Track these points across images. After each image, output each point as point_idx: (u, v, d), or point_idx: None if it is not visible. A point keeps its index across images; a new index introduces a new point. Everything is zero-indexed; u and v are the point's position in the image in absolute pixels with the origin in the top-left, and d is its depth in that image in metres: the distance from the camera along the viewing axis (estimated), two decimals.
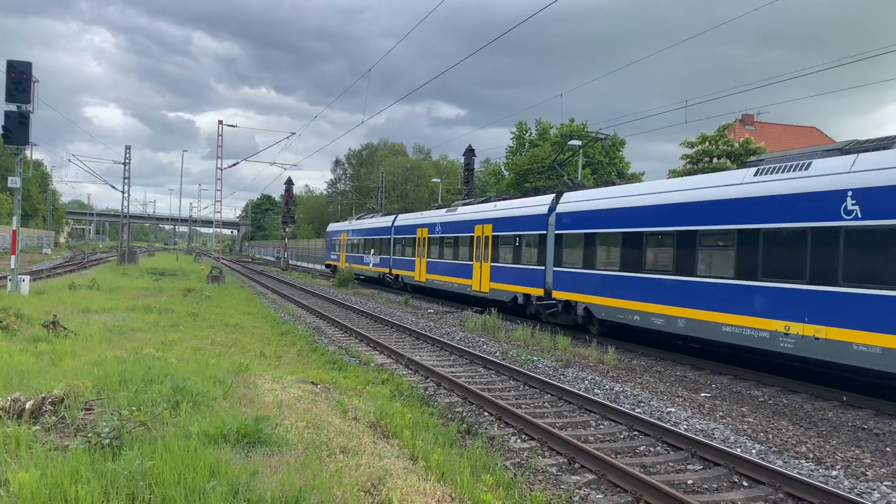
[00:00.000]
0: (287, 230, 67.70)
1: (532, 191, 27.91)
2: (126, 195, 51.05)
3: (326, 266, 52.76)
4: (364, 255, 40.66)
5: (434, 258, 29.56)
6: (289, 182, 63.69)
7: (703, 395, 11.92)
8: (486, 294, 24.38)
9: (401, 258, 34.29)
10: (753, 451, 8.39)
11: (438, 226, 29.44)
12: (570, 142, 45.16)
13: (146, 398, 6.90)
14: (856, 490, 7.14)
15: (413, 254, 32.31)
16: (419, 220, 32.21)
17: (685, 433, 8.69)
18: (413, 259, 32.27)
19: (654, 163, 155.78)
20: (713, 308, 13.77)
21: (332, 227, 52.10)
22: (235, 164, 63.23)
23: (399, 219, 35.52)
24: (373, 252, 39.05)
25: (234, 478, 4.74)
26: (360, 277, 41.55)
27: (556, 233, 19.91)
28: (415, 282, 31.99)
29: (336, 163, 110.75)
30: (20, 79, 20.11)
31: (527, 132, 61.37)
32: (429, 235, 30.31)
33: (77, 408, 6.46)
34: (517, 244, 22.29)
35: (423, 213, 32.96)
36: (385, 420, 7.84)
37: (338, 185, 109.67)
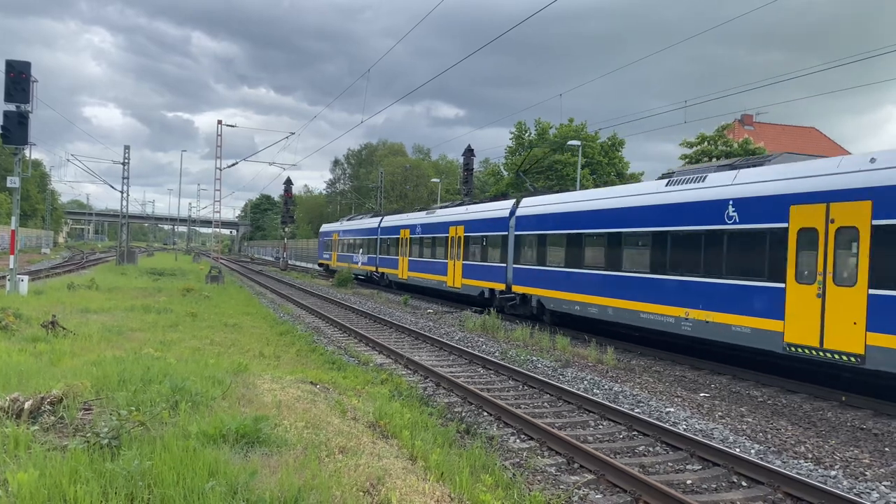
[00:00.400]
0: (286, 230, 67.71)
1: (501, 195, 30.08)
2: (125, 195, 51.03)
3: (320, 265, 54.89)
4: (353, 255, 42.79)
5: (415, 257, 31.67)
6: (288, 182, 63.67)
7: (702, 395, 11.93)
8: (459, 289, 26.49)
9: (386, 257, 36.33)
10: (752, 451, 8.39)
11: (419, 227, 31.56)
12: (570, 142, 45.24)
13: (145, 398, 6.90)
14: (855, 490, 7.14)
15: (397, 253, 34.29)
16: (402, 222, 34.38)
17: (684, 433, 8.69)
18: (397, 258, 34.25)
19: (654, 163, 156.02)
20: (634, 298, 16.01)
21: (325, 228, 54.55)
22: (234, 164, 63.23)
23: (384, 220, 37.58)
24: (361, 252, 41.21)
25: (233, 478, 4.74)
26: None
27: (516, 234, 22.18)
28: (398, 279, 34.05)
29: (335, 163, 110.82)
30: (19, 78, 20.09)
31: (526, 132, 61.37)
32: (410, 236, 32.42)
33: (76, 408, 6.46)
34: (484, 244, 24.54)
35: (406, 216, 35.31)
36: (384, 420, 7.84)
37: (337, 185, 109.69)
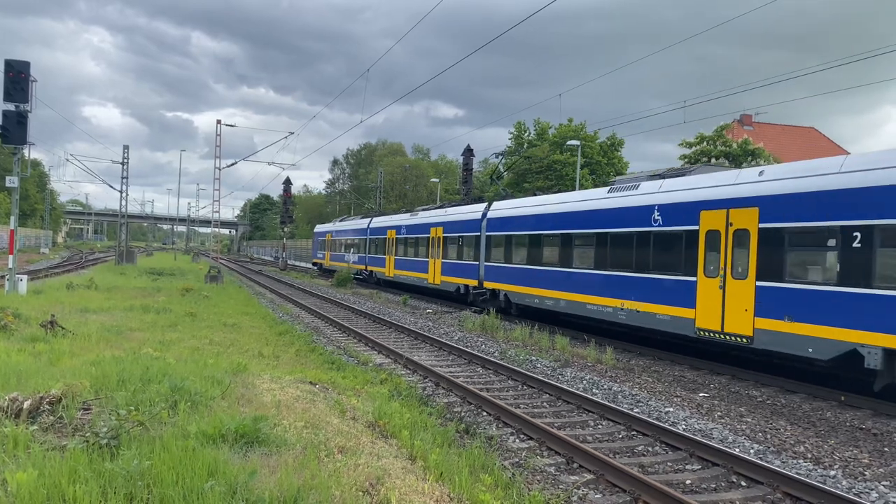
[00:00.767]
0: (285, 230, 67.67)
1: (476, 199, 32.39)
2: (124, 195, 50.99)
3: (314, 264, 56.96)
4: (345, 254, 45.03)
5: (400, 256, 33.81)
6: (287, 182, 63.63)
7: (702, 395, 11.93)
8: (439, 286, 28.50)
9: (374, 256, 38.56)
10: (752, 451, 8.39)
11: (403, 228, 33.69)
12: (569, 142, 45.20)
13: (144, 398, 6.90)
14: (854, 490, 7.14)
15: (384, 252, 36.42)
16: (389, 223, 36.57)
17: (683, 433, 8.69)
18: (384, 257, 36.39)
19: (653, 163, 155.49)
20: (581, 292, 18.14)
21: (319, 229, 56.97)
22: (234, 164, 62.94)
23: (373, 221, 39.75)
24: (352, 251, 43.37)
25: (233, 478, 4.74)
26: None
27: (487, 235, 24.36)
28: (385, 277, 36.10)
29: (334, 162, 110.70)
30: (18, 78, 20.05)
31: (525, 132, 61.36)
32: (396, 236, 34.52)
33: (75, 407, 6.46)
34: (460, 244, 26.65)
35: (392, 217, 37.55)
36: (383, 420, 7.84)
37: (336, 185, 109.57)
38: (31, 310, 15.59)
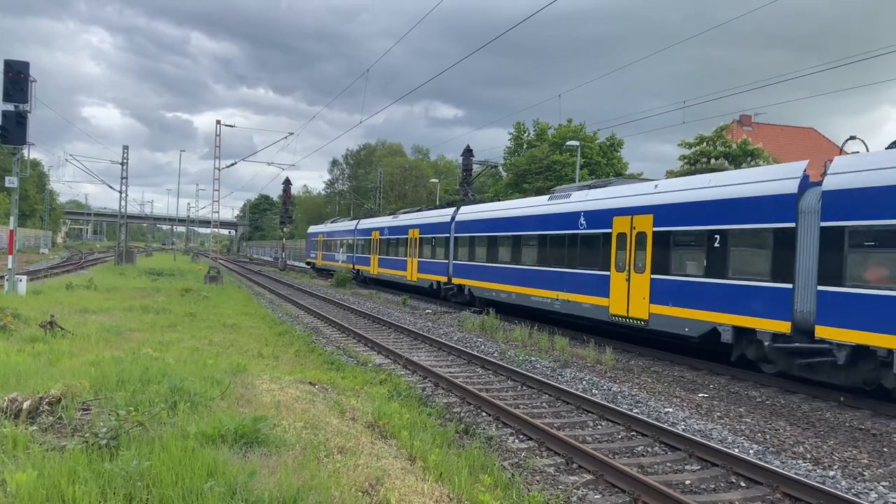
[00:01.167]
0: (285, 230, 67.63)
1: (446, 204, 35.06)
2: (123, 195, 50.98)
3: (307, 263, 59.16)
4: (335, 254, 47.74)
5: (383, 255, 36.36)
6: (287, 182, 63.60)
7: (701, 396, 11.93)
8: (416, 282, 31.11)
9: (361, 256, 40.98)
10: (751, 452, 8.40)
11: (386, 229, 36.19)
12: (569, 142, 45.20)
13: (144, 398, 6.90)
14: (853, 490, 7.15)
15: (369, 252, 38.87)
16: (373, 225, 39.08)
17: (683, 433, 8.70)
18: (369, 256, 38.86)
19: (652, 163, 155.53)
20: (528, 286, 20.83)
21: (312, 230, 59.66)
22: (233, 165, 62.97)
23: (360, 223, 42.30)
24: (341, 251, 45.95)
25: (232, 478, 4.74)
26: (332, 272, 47.23)
27: (455, 235, 27.07)
28: (370, 275, 38.45)
29: (333, 163, 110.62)
30: (17, 78, 20.06)
31: (525, 133, 61.35)
32: (380, 237, 36.97)
33: (74, 408, 6.46)
34: (433, 244, 29.23)
35: (377, 219, 40.03)
36: (383, 420, 7.84)
37: (335, 186, 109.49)
38: (31, 310, 15.59)
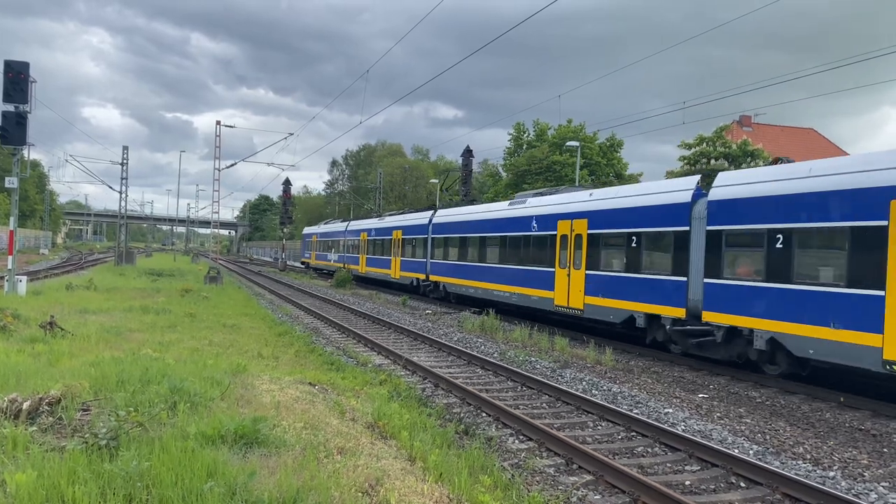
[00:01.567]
0: (284, 231, 67.62)
1: (425, 207, 37.01)
2: (123, 195, 50.97)
3: (302, 263, 62.22)
4: (328, 254, 50.46)
5: (370, 255, 38.93)
6: (286, 183, 63.59)
7: (701, 396, 11.93)
8: (399, 280, 33.55)
9: (350, 255, 43.53)
10: (751, 452, 8.39)
11: (373, 231, 38.67)
12: (568, 143, 45.21)
13: (143, 399, 6.89)
14: (853, 491, 7.15)
15: (358, 251, 41.53)
16: (362, 226, 41.75)
17: (683, 434, 8.69)
18: (358, 256, 41.44)
19: (652, 164, 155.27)
20: (490, 281, 23.59)
21: (306, 231, 62.76)
22: (233, 165, 63.08)
23: (350, 225, 45.18)
24: (333, 251, 48.72)
25: (232, 478, 4.74)
26: (324, 271, 50.63)
27: (432, 237, 29.71)
28: (359, 273, 40.68)
29: (333, 163, 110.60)
30: (17, 79, 20.05)
31: (524, 133, 61.37)
32: (368, 238, 39.47)
33: (74, 408, 6.45)
34: (413, 244, 31.86)
35: (365, 221, 42.70)
36: (383, 421, 7.83)
37: (335, 186, 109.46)
38: (31, 310, 15.58)
